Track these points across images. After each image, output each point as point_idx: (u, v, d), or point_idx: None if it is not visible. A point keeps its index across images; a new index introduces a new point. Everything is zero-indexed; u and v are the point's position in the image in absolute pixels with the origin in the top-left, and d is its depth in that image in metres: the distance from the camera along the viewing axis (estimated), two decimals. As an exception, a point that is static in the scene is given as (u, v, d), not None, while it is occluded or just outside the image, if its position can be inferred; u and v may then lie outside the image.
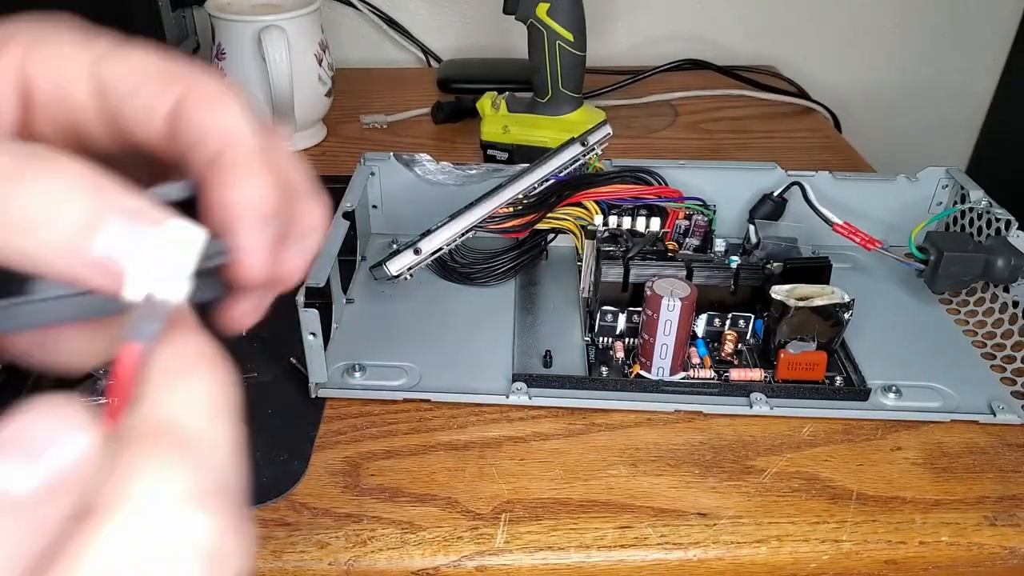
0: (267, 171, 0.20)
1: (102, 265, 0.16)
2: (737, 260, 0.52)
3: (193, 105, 0.20)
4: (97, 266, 0.16)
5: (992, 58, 1.08)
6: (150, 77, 0.21)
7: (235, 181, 0.20)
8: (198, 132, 0.20)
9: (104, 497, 0.14)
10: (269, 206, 0.20)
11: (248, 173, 0.20)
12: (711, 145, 0.83)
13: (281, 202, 0.20)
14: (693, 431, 0.48)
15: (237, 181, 0.20)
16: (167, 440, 0.15)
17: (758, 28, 1.04)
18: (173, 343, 0.17)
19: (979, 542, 0.42)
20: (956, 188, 0.61)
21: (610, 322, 0.52)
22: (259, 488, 0.43)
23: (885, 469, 0.45)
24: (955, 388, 0.50)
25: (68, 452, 0.14)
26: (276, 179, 0.20)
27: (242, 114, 0.21)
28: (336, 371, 0.50)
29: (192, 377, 0.17)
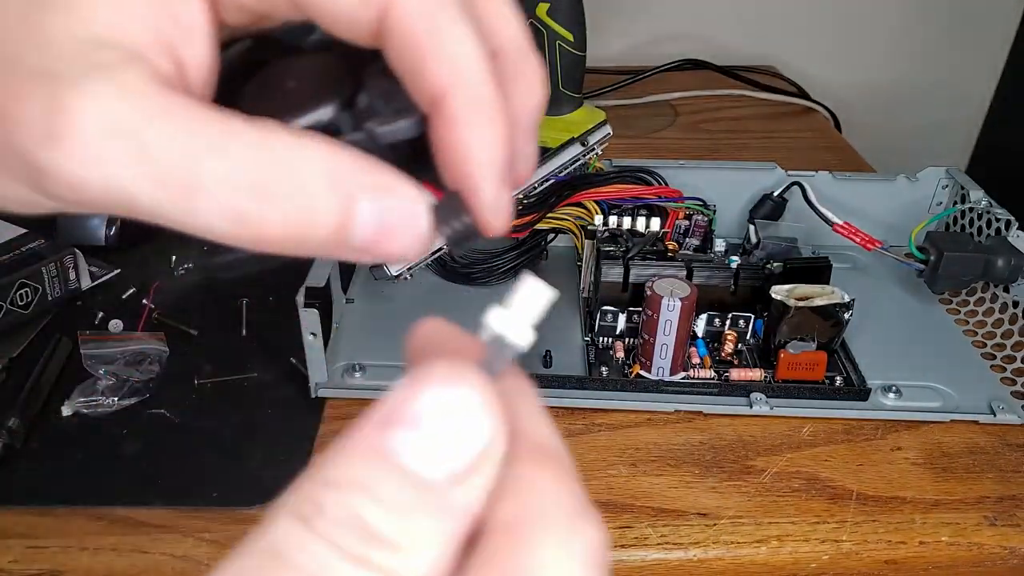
0: (503, 112, 0.19)
1: (366, 250, 0.18)
2: (737, 260, 0.52)
3: (408, 23, 0.18)
4: (361, 251, 0.18)
5: (992, 58, 1.08)
6: None
7: (471, 134, 0.18)
8: (417, 58, 0.18)
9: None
10: (507, 152, 0.19)
11: (486, 123, 0.18)
12: (711, 145, 0.83)
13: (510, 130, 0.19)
14: (693, 431, 0.48)
15: (473, 133, 0.18)
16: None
17: (758, 28, 1.04)
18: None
19: (979, 542, 0.42)
20: (956, 188, 0.61)
21: (610, 322, 0.52)
22: (259, 488, 0.43)
23: (885, 469, 0.45)
24: (955, 388, 0.50)
25: (472, 442, 0.14)
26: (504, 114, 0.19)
27: (474, 45, 0.18)
28: (336, 371, 0.50)
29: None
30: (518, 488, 0.15)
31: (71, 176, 0.17)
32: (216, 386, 0.50)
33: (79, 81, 0.17)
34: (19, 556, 0.40)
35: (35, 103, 0.17)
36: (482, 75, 0.19)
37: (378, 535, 0.14)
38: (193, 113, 0.17)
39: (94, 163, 0.17)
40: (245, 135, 0.17)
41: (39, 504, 0.42)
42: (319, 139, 0.18)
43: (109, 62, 0.17)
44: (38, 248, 0.54)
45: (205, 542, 0.41)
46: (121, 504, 0.42)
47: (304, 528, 0.14)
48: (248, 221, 0.17)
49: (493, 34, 0.21)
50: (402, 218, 0.18)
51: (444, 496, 0.14)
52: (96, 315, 0.56)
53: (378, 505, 0.14)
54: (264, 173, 0.17)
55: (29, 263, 0.53)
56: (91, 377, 0.50)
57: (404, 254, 0.19)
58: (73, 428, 0.47)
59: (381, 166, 0.18)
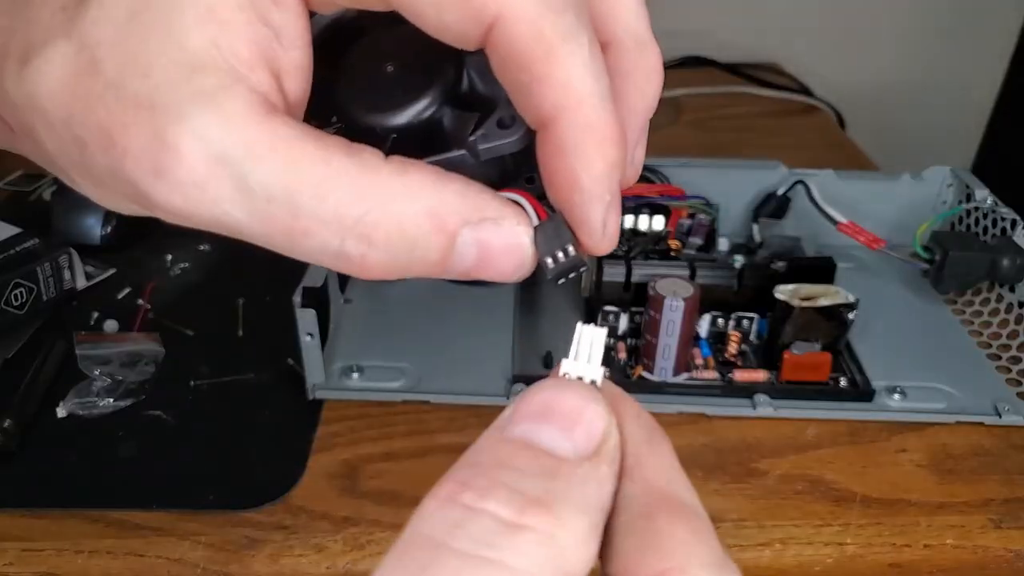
0: (615, 137, 0.18)
1: (467, 275, 0.19)
2: (741, 259, 0.52)
3: (518, 42, 0.17)
4: (463, 276, 0.19)
5: (997, 56, 1.07)
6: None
7: (580, 163, 0.18)
8: (526, 79, 0.18)
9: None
10: (618, 178, 0.19)
11: (596, 153, 0.18)
12: (714, 143, 0.83)
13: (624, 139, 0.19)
14: (696, 433, 0.47)
15: (582, 162, 0.18)
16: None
17: (761, 25, 1.04)
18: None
19: (984, 545, 0.42)
20: (961, 187, 0.60)
21: (612, 322, 0.51)
22: (256, 491, 0.43)
23: (890, 471, 0.45)
24: (960, 389, 0.50)
25: (596, 424, 0.16)
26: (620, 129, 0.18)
27: (588, 63, 0.17)
28: (334, 372, 0.49)
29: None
30: (659, 541, 0.15)
31: (178, 209, 0.18)
32: (212, 387, 0.50)
33: (182, 113, 0.17)
34: (14, 559, 0.40)
35: (141, 135, 0.17)
36: (595, 100, 0.18)
37: (528, 497, 0.14)
38: (295, 145, 0.17)
39: (199, 199, 0.18)
40: (346, 175, 0.18)
41: (34, 506, 0.42)
42: (420, 171, 0.18)
43: (210, 89, 0.17)
44: (33, 247, 0.54)
45: (202, 545, 0.40)
46: (117, 507, 0.42)
47: (454, 506, 0.14)
48: (352, 260, 0.18)
49: (610, 22, 0.20)
50: (503, 246, 0.19)
51: (576, 468, 0.15)
52: (91, 315, 0.55)
53: (521, 474, 0.15)
54: (367, 219, 0.18)
55: (24, 263, 0.52)
56: (86, 378, 0.49)
57: (508, 278, 0.19)
58: (68, 430, 0.47)
59: (483, 193, 0.18)
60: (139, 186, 0.18)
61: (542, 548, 0.14)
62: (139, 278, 0.59)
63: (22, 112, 0.19)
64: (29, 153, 0.21)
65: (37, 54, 0.18)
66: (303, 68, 0.19)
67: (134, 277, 0.59)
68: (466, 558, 0.14)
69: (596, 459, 0.16)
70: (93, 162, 0.18)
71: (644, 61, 0.20)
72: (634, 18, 0.20)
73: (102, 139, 0.18)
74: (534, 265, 0.19)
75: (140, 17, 0.18)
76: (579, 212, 0.19)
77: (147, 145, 0.17)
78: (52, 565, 0.40)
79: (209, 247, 0.63)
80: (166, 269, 0.60)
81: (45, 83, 0.18)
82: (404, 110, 0.20)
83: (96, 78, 0.18)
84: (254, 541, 0.40)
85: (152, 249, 0.62)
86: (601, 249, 0.19)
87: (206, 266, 0.61)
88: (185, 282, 0.59)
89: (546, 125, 0.18)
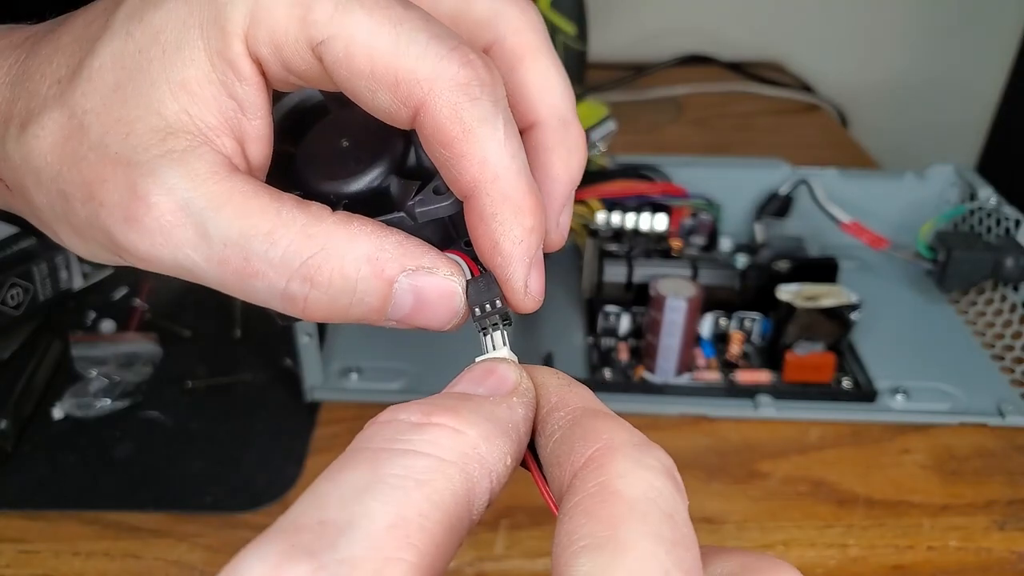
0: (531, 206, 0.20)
1: (403, 323, 0.21)
2: (743, 259, 0.52)
3: (440, 125, 0.19)
4: (400, 324, 0.21)
5: (1001, 54, 1.06)
6: (381, 82, 0.19)
7: (500, 230, 0.20)
8: (448, 156, 0.20)
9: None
10: (537, 241, 0.20)
11: (515, 221, 0.20)
12: (716, 141, 0.82)
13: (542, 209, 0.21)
14: (698, 434, 0.47)
15: (502, 229, 0.20)
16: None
17: (763, 23, 1.03)
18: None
19: (988, 546, 0.41)
20: (965, 186, 0.60)
21: (613, 323, 0.51)
22: (253, 493, 0.43)
23: (893, 472, 0.45)
24: (964, 390, 0.50)
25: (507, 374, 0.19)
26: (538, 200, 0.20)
27: (502, 144, 0.19)
28: (332, 373, 0.49)
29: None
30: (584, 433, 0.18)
31: (145, 253, 0.20)
32: (210, 388, 0.49)
33: (153, 169, 0.20)
34: (11, 560, 0.40)
35: (116, 188, 0.20)
36: (511, 175, 0.20)
37: (437, 405, 0.17)
38: (251, 199, 0.20)
39: (163, 244, 0.20)
40: (295, 223, 0.20)
41: (31, 508, 0.42)
42: (361, 222, 0.20)
43: (179, 149, 0.20)
44: (29, 247, 0.53)
45: (199, 547, 0.40)
46: (114, 508, 0.42)
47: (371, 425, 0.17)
48: (296, 301, 0.20)
49: (533, 105, 0.22)
50: (438, 296, 0.20)
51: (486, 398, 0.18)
52: (88, 316, 0.55)
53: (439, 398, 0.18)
54: (311, 262, 0.20)
55: (20, 262, 0.52)
56: (83, 379, 0.49)
57: (441, 327, 0.21)
58: (65, 431, 0.46)
59: (420, 246, 0.20)
60: (112, 233, 0.20)
61: (450, 440, 0.17)
62: (136, 278, 0.59)
63: (18, 172, 0.22)
64: (20, 210, 0.24)
65: (34, 121, 0.21)
66: (264, 137, 0.21)
67: (131, 277, 0.59)
68: (379, 451, 0.16)
69: (506, 396, 0.19)
70: (74, 214, 0.21)
71: (568, 137, 0.23)
72: (559, 99, 0.23)
73: (83, 192, 0.21)
74: (466, 316, 0.21)
75: (123, 89, 0.20)
76: (502, 274, 0.21)
77: (121, 196, 0.20)
78: (49, 567, 0.39)
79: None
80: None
81: (39, 145, 0.21)
82: (357, 179, 0.23)
83: (82, 140, 0.20)
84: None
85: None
86: (526, 307, 0.21)
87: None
88: (182, 282, 0.59)
89: (468, 196, 0.20)
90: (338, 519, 0.15)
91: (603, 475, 0.16)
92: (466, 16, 0.22)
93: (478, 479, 0.17)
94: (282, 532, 0.15)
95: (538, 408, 0.19)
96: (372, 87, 0.19)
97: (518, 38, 0.22)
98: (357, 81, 0.19)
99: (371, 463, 0.16)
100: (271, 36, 0.20)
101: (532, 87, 0.22)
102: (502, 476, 0.17)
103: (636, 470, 0.16)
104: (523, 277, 0.21)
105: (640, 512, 0.15)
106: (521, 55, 0.22)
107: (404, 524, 0.15)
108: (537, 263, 0.21)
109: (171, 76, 0.20)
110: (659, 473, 0.16)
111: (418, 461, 0.16)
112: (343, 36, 0.19)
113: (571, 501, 0.16)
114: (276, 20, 0.19)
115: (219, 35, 0.20)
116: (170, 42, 0.20)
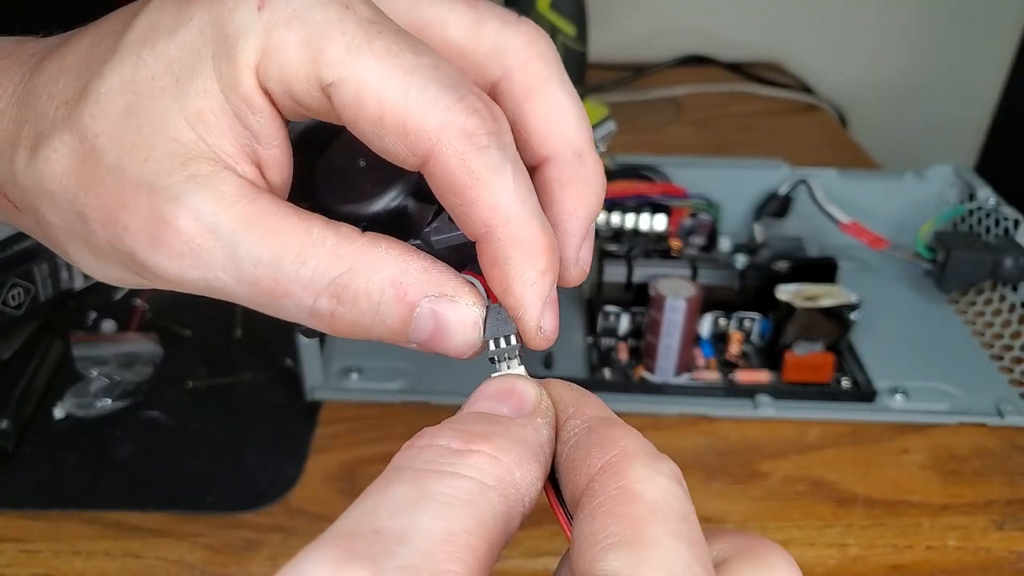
0: (544, 248, 0.20)
1: (423, 346, 0.21)
2: (743, 259, 0.52)
3: (449, 173, 0.19)
4: (419, 346, 0.21)
5: (1000, 54, 1.06)
6: (390, 129, 0.19)
7: (512, 272, 0.20)
8: (458, 202, 0.20)
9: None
10: (551, 283, 0.21)
11: (526, 263, 0.20)
12: (715, 142, 0.83)
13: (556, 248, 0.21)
14: (698, 434, 0.47)
15: (513, 271, 0.20)
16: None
17: (763, 23, 1.03)
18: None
19: (986, 546, 0.41)
20: (964, 186, 0.60)
21: (613, 323, 0.51)
22: (254, 492, 0.43)
23: (892, 472, 0.45)
24: (963, 390, 0.50)
25: (527, 393, 0.20)
26: (551, 240, 0.21)
27: (511, 190, 0.20)
28: (332, 373, 0.49)
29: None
30: (600, 440, 0.19)
31: (174, 276, 0.21)
32: (210, 388, 0.49)
33: (178, 193, 0.20)
34: (12, 560, 0.40)
35: (140, 212, 0.20)
36: (522, 219, 0.20)
37: (473, 433, 0.18)
38: (279, 220, 0.20)
39: (192, 266, 0.20)
40: (324, 243, 0.20)
41: (32, 508, 0.42)
42: (389, 243, 0.21)
43: (203, 174, 0.20)
44: (30, 247, 0.53)
45: (199, 547, 0.40)
46: (114, 508, 0.42)
47: (412, 447, 0.18)
48: (323, 317, 0.21)
49: (544, 139, 0.22)
50: (457, 325, 0.21)
51: (513, 420, 0.19)
52: (89, 316, 0.55)
53: (466, 423, 0.19)
54: (339, 281, 0.20)
55: (21, 262, 0.52)
56: (84, 379, 0.49)
57: (459, 354, 0.22)
58: (66, 430, 0.46)
59: (445, 272, 0.21)
60: (137, 256, 0.21)
61: (490, 465, 0.17)
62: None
63: (30, 194, 0.22)
64: (28, 229, 0.24)
65: (44, 144, 0.21)
66: (282, 163, 0.22)
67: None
68: (424, 472, 0.17)
69: (531, 415, 0.19)
70: (94, 235, 0.21)
71: (583, 169, 0.22)
72: (572, 131, 0.22)
73: (103, 216, 0.21)
74: (484, 347, 0.22)
75: (135, 115, 0.20)
76: (515, 314, 0.21)
77: (146, 221, 0.20)
78: (50, 567, 0.39)
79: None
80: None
81: (51, 169, 0.21)
82: (374, 201, 0.23)
83: (98, 164, 0.20)
84: (252, 543, 0.40)
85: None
86: (538, 346, 0.21)
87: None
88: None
89: (480, 240, 0.20)
90: (392, 529, 0.16)
91: (623, 479, 0.17)
92: (475, 51, 0.22)
93: (514, 503, 0.18)
94: (337, 538, 0.16)
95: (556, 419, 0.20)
96: (380, 133, 0.20)
97: (526, 70, 0.22)
98: (366, 125, 0.20)
99: (418, 481, 0.17)
100: (281, 72, 0.20)
101: (542, 121, 0.22)
102: (534, 499, 0.19)
103: (652, 476, 0.17)
104: (536, 318, 0.21)
105: (660, 513, 0.17)
106: (531, 88, 0.22)
107: (453, 539, 0.16)
108: (551, 303, 0.21)
109: (185, 106, 0.20)
110: (671, 479, 0.18)
111: (463, 483, 0.17)
112: (354, 80, 0.19)
113: (592, 503, 0.17)
114: (287, 58, 0.19)
115: (231, 68, 0.20)
116: (183, 72, 0.20)
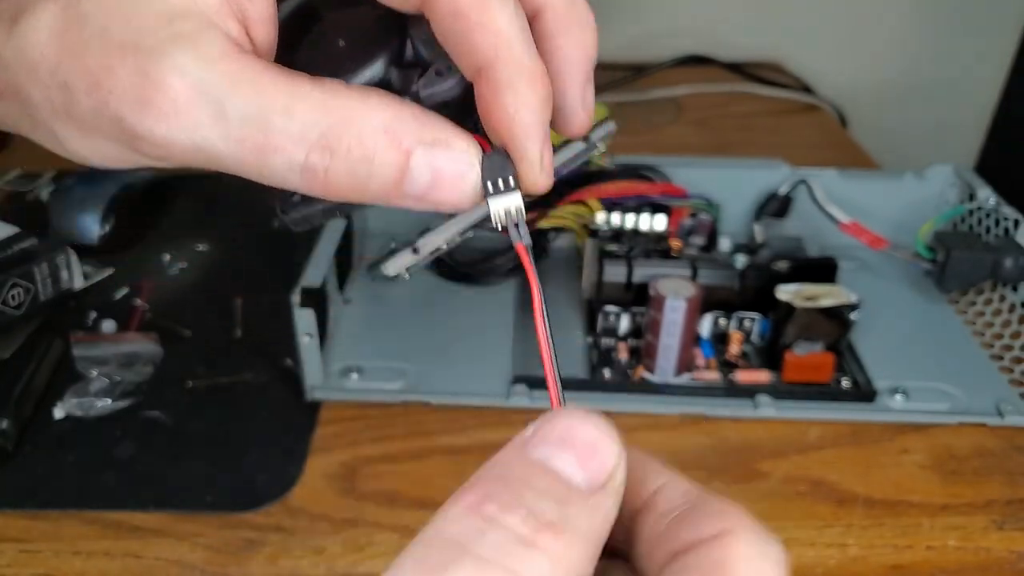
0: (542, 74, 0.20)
1: (421, 198, 0.21)
2: (743, 259, 0.52)
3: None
4: (416, 200, 0.21)
5: (1001, 55, 1.06)
6: None
7: (517, 99, 0.20)
8: (462, 30, 0.20)
9: None
10: (549, 113, 0.21)
11: (530, 90, 0.20)
12: (715, 142, 0.83)
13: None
14: (698, 434, 0.47)
15: (519, 99, 0.20)
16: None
17: (763, 24, 1.03)
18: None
19: (987, 546, 0.41)
20: (964, 186, 0.60)
21: (613, 323, 0.51)
22: (254, 492, 0.43)
23: (892, 472, 0.45)
24: (963, 390, 0.50)
25: (608, 459, 0.17)
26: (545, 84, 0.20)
27: (513, 15, 0.20)
28: (332, 373, 0.49)
29: None
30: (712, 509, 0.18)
31: (162, 138, 0.20)
32: (210, 388, 0.49)
33: (164, 52, 0.20)
34: (11, 560, 0.40)
35: (125, 74, 0.20)
36: (523, 45, 0.20)
37: (543, 520, 0.16)
38: (264, 76, 0.20)
39: (179, 127, 0.20)
40: (311, 96, 0.20)
41: (32, 507, 0.42)
42: (380, 94, 0.20)
43: (188, 32, 0.20)
44: (30, 247, 0.53)
45: (200, 547, 0.40)
46: (114, 508, 0.42)
47: (478, 515, 0.16)
48: (316, 173, 0.20)
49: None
50: (454, 170, 0.20)
51: (587, 499, 0.17)
52: (89, 316, 0.55)
53: (539, 496, 0.16)
54: (330, 132, 0.20)
55: (21, 262, 0.52)
56: (84, 379, 0.49)
57: (456, 204, 0.21)
58: (66, 430, 0.46)
59: (438, 120, 0.20)
60: (124, 121, 0.20)
61: (552, 566, 0.16)
62: (137, 278, 0.59)
63: (10, 70, 0.21)
64: (10, 115, 0.23)
65: (27, 14, 0.21)
66: (267, 18, 0.22)
67: (132, 277, 0.59)
68: (486, 563, 0.15)
69: (602, 493, 0.17)
70: (78, 105, 0.21)
71: (575, 14, 0.23)
72: None
73: (88, 82, 0.20)
74: (481, 193, 0.21)
75: None
76: (519, 146, 0.21)
77: (132, 82, 0.20)
78: (50, 567, 0.39)
79: (207, 247, 0.63)
80: (164, 269, 0.60)
81: (35, 38, 0.21)
82: (358, 73, 0.23)
83: (82, 29, 0.20)
84: (252, 543, 0.40)
85: (150, 249, 0.62)
86: (540, 183, 0.21)
87: (204, 266, 0.61)
88: (183, 282, 0.59)
89: (482, 68, 0.20)
90: None
91: (726, 553, 0.17)
92: None
93: None
94: None
95: (639, 484, 0.19)
96: None
97: None
98: None
99: (478, 572, 0.16)
100: None
101: None
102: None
103: (758, 561, 0.17)
104: (539, 148, 0.21)
105: None
106: None
107: None
108: (546, 140, 0.21)
109: None
110: (776, 565, 0.17)
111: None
112: None
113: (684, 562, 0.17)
114: None
115: None
116: None
